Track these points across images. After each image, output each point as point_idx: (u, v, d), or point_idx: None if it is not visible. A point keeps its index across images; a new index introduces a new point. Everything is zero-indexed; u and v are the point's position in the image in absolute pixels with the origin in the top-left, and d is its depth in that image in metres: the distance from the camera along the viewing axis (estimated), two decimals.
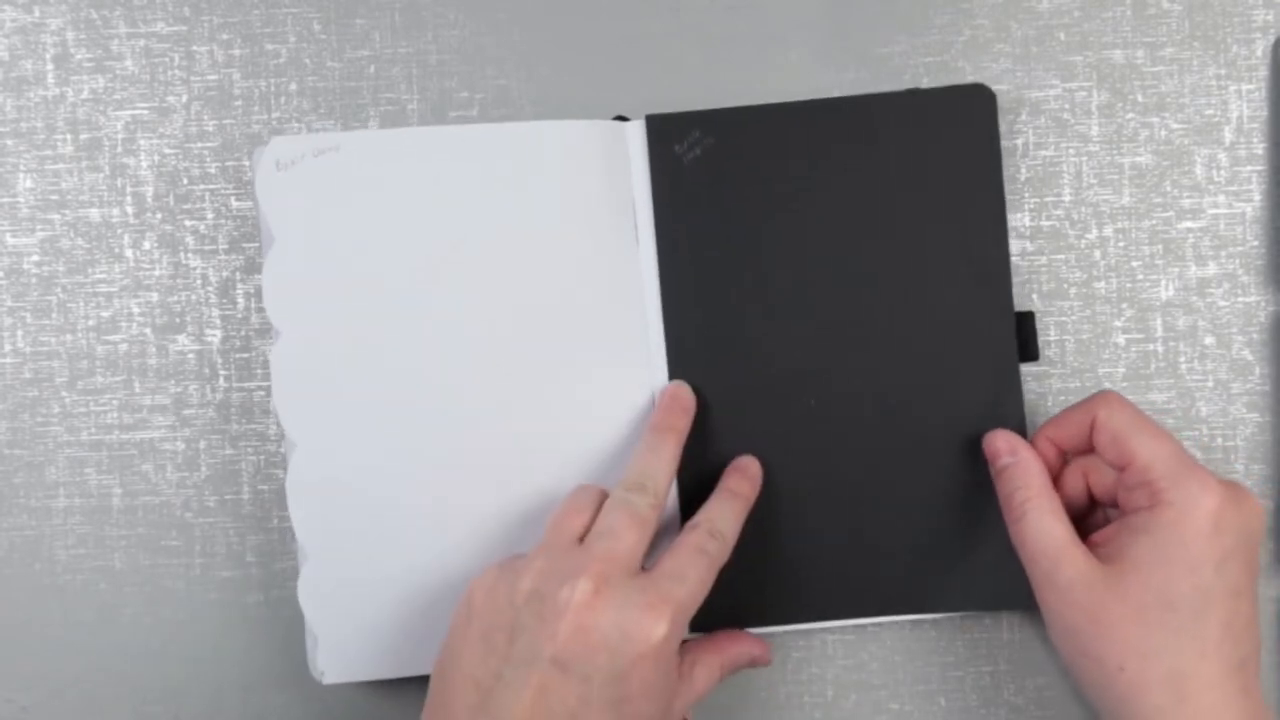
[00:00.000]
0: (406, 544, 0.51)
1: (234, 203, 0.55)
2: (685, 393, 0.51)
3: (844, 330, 0.52)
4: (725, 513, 0.49)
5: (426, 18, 0.55)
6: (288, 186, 0.50)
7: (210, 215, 0.55)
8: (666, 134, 0.52)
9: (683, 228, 0.52)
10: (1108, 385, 0.54)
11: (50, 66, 0.55)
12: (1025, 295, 0.54)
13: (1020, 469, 0.48)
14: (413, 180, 0.51)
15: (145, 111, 0.55)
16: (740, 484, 0.50)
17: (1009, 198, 0.54)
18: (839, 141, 0.52)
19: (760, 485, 0.51)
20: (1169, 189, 0.54)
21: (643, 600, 0.44)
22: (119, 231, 0.55)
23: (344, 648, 0.51)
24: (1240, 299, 0.54)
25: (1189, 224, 0.54)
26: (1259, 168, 0.54)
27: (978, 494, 0.52)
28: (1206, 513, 0.44)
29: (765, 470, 0.52)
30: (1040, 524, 0.47)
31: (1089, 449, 0.49)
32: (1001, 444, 0.49)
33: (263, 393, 0.55)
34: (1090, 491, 0.50)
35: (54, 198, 0.55)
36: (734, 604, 0.52)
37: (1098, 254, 0.54)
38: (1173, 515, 0.45)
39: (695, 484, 0.52)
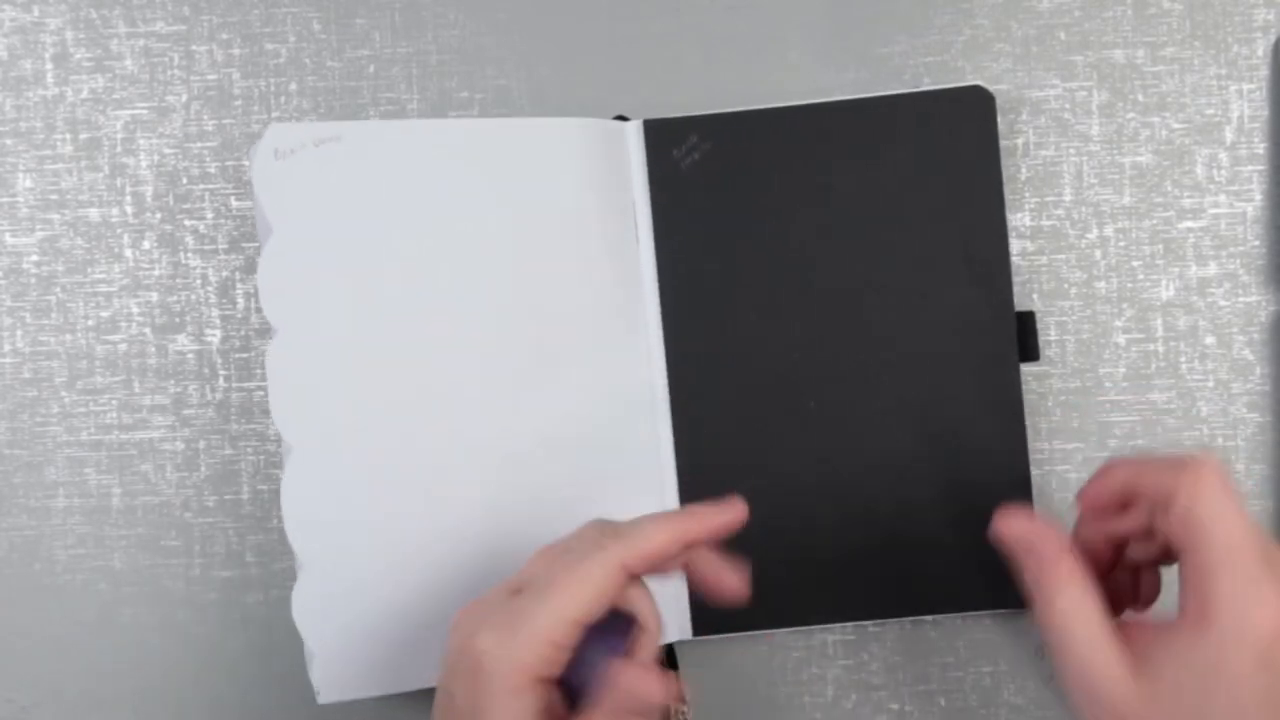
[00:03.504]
0: (403, 552, 0.50)
1: (234, 202, 0.55)
2: (735, 514, 0.44)
3: (844, 331, 0.52)
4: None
5: (426, 18, 0.55)
6: (286, 176, 0.49)
7: (210, 215, 0.55)
8: (664, 138, 0.52)
9: (682, 231, 0.52)
10: (1109, 385, 0.54)
11: (50, 66, 0.55)
12: (1025, 295, 0.54)
13: (1048, 548, 0.43)
14: (414, 173, 0.51)
15: (145, 111, 0.55)
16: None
17: (1009, 198, 0.54)
18: (837, 144, 0.52)
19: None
20: (1170, 189, 0.54)
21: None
22: (118, 231, 0.55)
23: (340, 665, 0.50)
24: (1241, 299, 0.54)
25: (1189, 224, 0.54)
26: (1260, 167, 0.54)
27: (978, 494, 0.51)
28: (1256, 642, 0.39)
29: (765, 471, 0.52)
30: (1069, 617, 0.41)
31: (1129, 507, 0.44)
32: (1026, 524, 0.43)
33: (262, 393, 0.54)
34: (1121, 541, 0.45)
35: (53, 197, 0.55)
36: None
37: (1098, 254, 0.54)
38: (1217, 640, 0.39)
39: (695, 488, 0.52)
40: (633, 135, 0.53)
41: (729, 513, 0.44)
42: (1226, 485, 0.41)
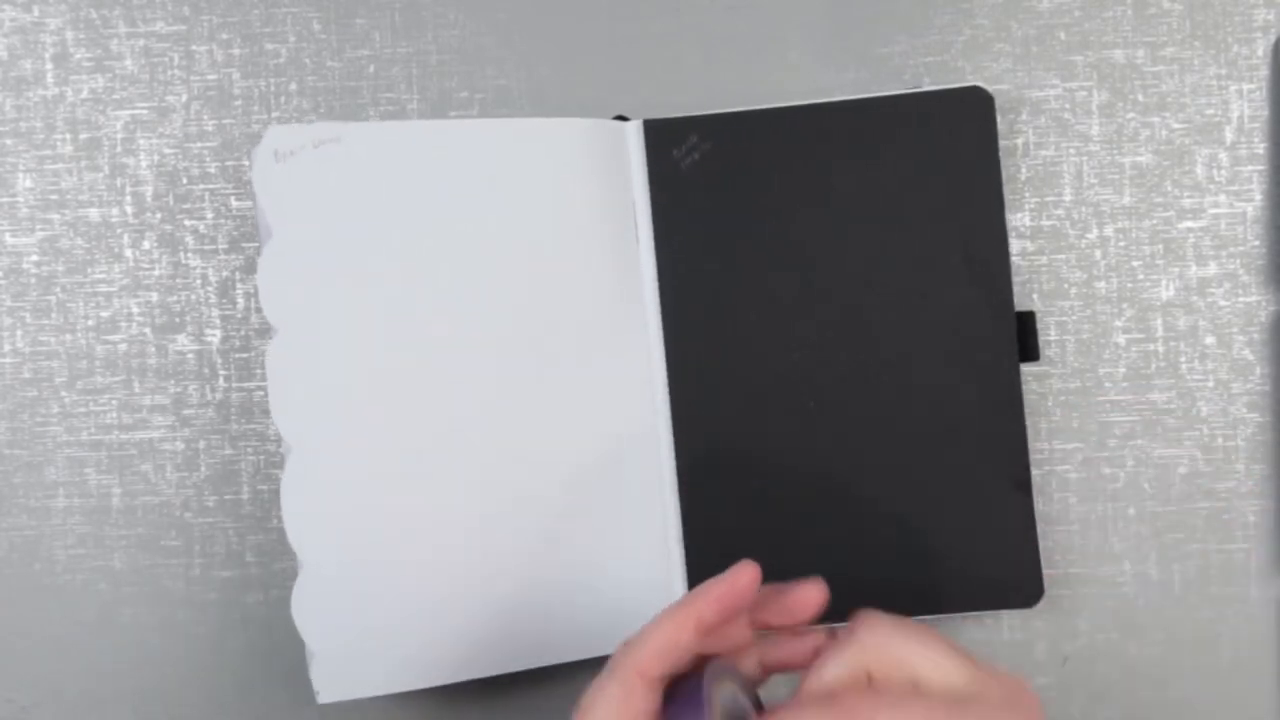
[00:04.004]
0: (403, 552, 0.50)
1: (234, 202, 0.55)
2: (743, 579, 0.43)
3: (844, 332, 0.52)
4: None
5: (426, 18, 0.55)
6: (286, 178, 0.50)
7: (210, 215, 0.55)
8: (664, 139, 0.52)
9: (682, 232, 0.52)
10: (1109, 385, 0.54)
11: (50, 66, 0.55)
12: (1025, 295, 0.54)
13: None
14: (413, 174, 0.51)
15: (145, 111, 0.55)
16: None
17: (1009, 198, 0.54)
18: (837, 145, 0.52)
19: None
20: (1170, 189, 0.54)
21: None
22: (118, 231, 0.55)
23: (340, 665, 0.50)
24: (1241, 299, 0.54)
25: (1190, 224, 0.54)
26: (1260, 167, 0.54)
27: (978, 494, 0.52)
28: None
29: (765, 470, 0.52)
30: None
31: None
32: None
33: (262, 393, 0.54)
34: None
35: (54, 197, 0.55)
36: None
37: (1098, 254, 0.54)
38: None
39: (695, 488, 0.52)
40: (633, 135, 0.53)
41: (737, 579, 0.43)
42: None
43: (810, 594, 0.43)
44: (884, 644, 0.40)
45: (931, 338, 0.52)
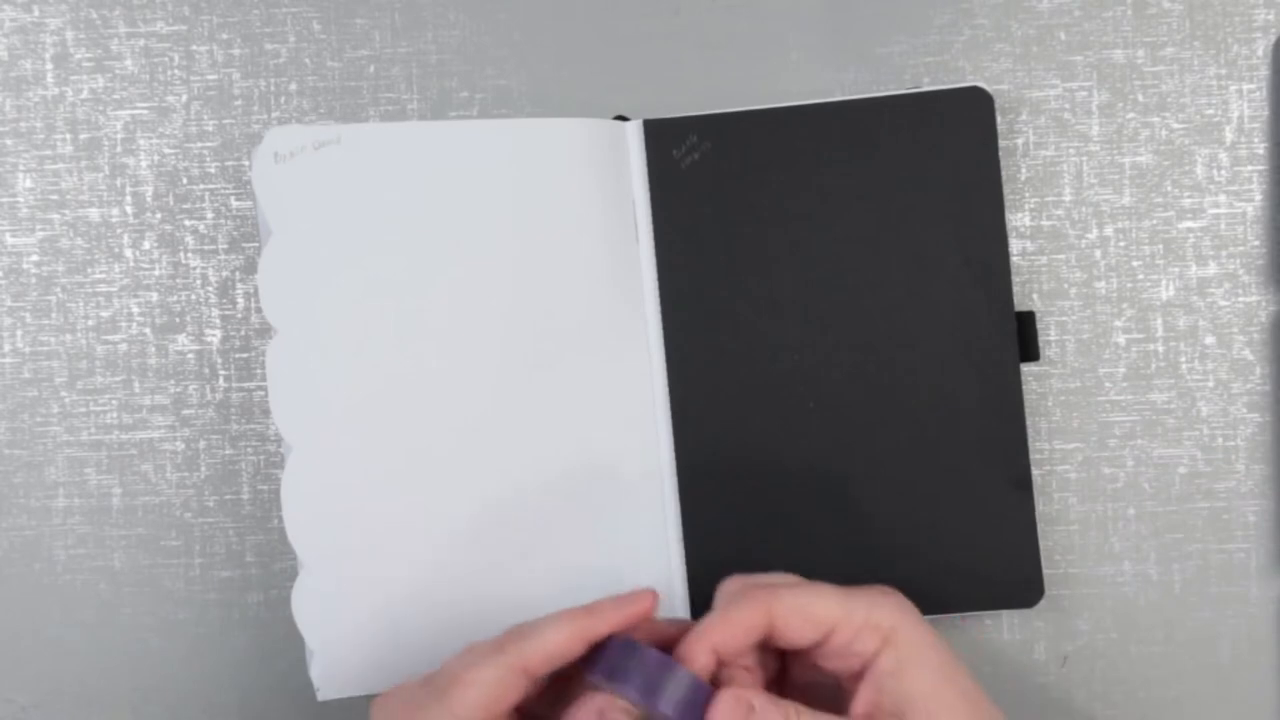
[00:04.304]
0: (403, 551, 0.50)
1: (234, 202, 0.55)
2: (640, 606, 0.44)
3: (844, 332, 0.52)
4: None
5: (426, 18, 0.55)
6: (286, 179, 0.50)
7: (210, 215, 0.55)
8: (664, 138, 0.52)
9: (681, 231, 0.52)
10: (1109, 385, 0.54)
11: (50, 66, 0.55)
12: (1025, 295, 0.54)
13: (769, 712, 0.42)
14: (413, 175, 0.51)
15: (145, 111, 0.55)
16: None
17: (1009, 198, 0.54)
18: (837, 144, 0.52)
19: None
20: (1169, 189, 0.54)
21: None
22: (118, 231, 0.55)
23: (339, 662, 0.50)
24: (1241, 299, 0.54)
25: (1189, 224, 0.54)
26: (1260, 167, 0.54)
27: (978, 494, 0.52)
28: (915, 612, 0.44)
29: (764, 470, 0.52)
30: None
31: (750, 647, 0.44)
32: (732, 710, 0.42)
33: (262, 393, 0.54)
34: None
35: (54, 197, 0.55)
36: None
37: (1098, 254, 0.54)
38: (909, 633, 0.43)
39: (695, 488, 0.52)
40: (633, 135, 0.53)
41: (635, 604, 0.43)
42: (784, 576, 0.45)
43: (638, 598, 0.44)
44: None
45: (931, 338, 0.52)
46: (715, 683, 0.43)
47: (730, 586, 0.45)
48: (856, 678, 0.44)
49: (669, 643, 0.44)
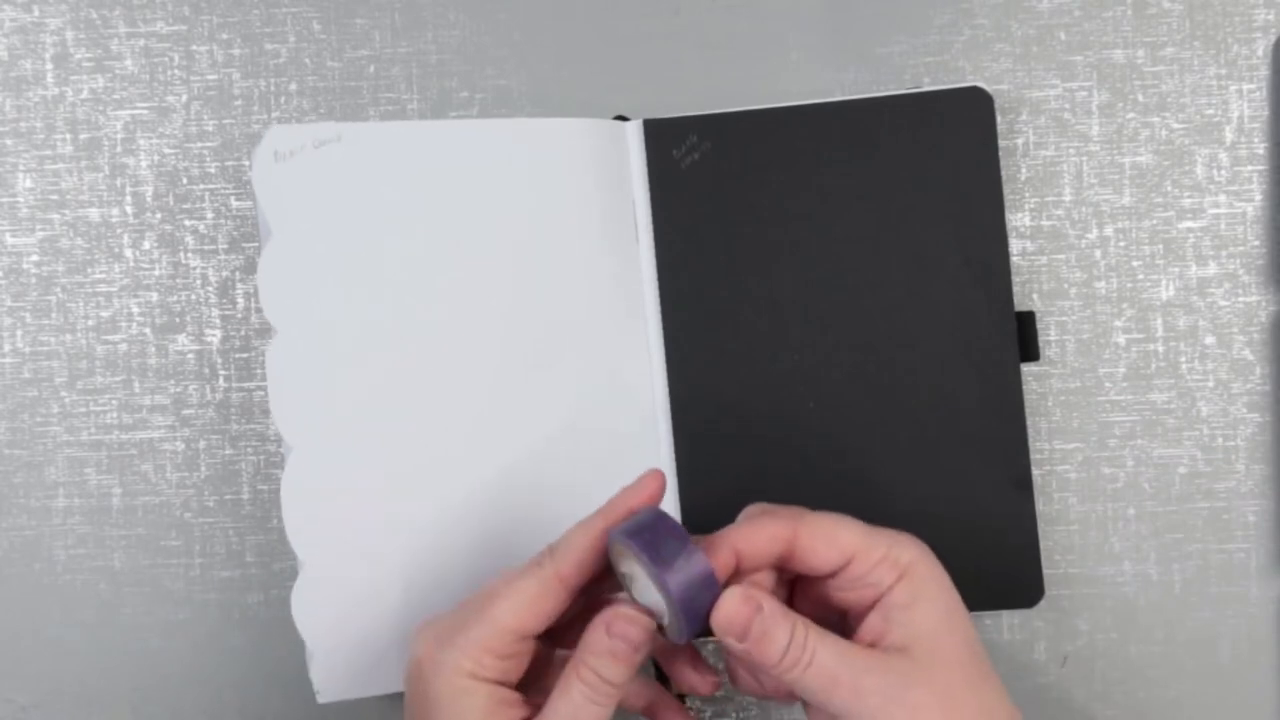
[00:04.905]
0: (403, 551, 0.50)
1: (234, 202, 0.55)
2: (649, 488, 0.44)
3: (844, 332, 0.52)
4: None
5: (426, 18, 0.55)
6: (286, 178, 0.50)
7: (210, 215, 0.55)
8: (664, 138, 0.52)
9: (681, 231, 0.52)
10: (1109, 385, 0.54)
11: (50, 66, 0.55)
12: (1025, 295, 0.54)
13: (777, 617, 0.41)
14: (414, 174, 0.51)
15: (145, 111, 0.55)
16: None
17: (1009, 198, 0.54)
18: (837, 144, 0.52)
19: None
20: (1169, 189, 0.54)
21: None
22: (118, 231, 0.55)
23: (339, 663, 0.50)
24: (1241, 299, 0.54)
25: (1189, 224, 0.54)
26: (1260, 167, 0.54)
27: (978, 494, 0.52)
28: (934, 556, 0.44)
29: (765, 470, 0.52)
30: (839, 653, 0.41)
31: (769, 561, 0.44)
32: (740, 604, 0.41)
33: (262, 393, 0.54)
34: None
35: (54, 197, 0.55)
36: None
37: (1098, 254, 0.54)
38: (925, 570, 0.43)
39: (695, 488, 0.52)
40: (633, 135, 0.53)
41: (642, 490, 0.44)
42: (798, 508, 0.44)
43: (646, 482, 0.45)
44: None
45: (931, 338, 0.52)
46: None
47: (755, 509, 0.45)
48: (865, 611, 0.44)
49: None
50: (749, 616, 0.41)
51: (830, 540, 0.43)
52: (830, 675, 0.41)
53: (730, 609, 0.41)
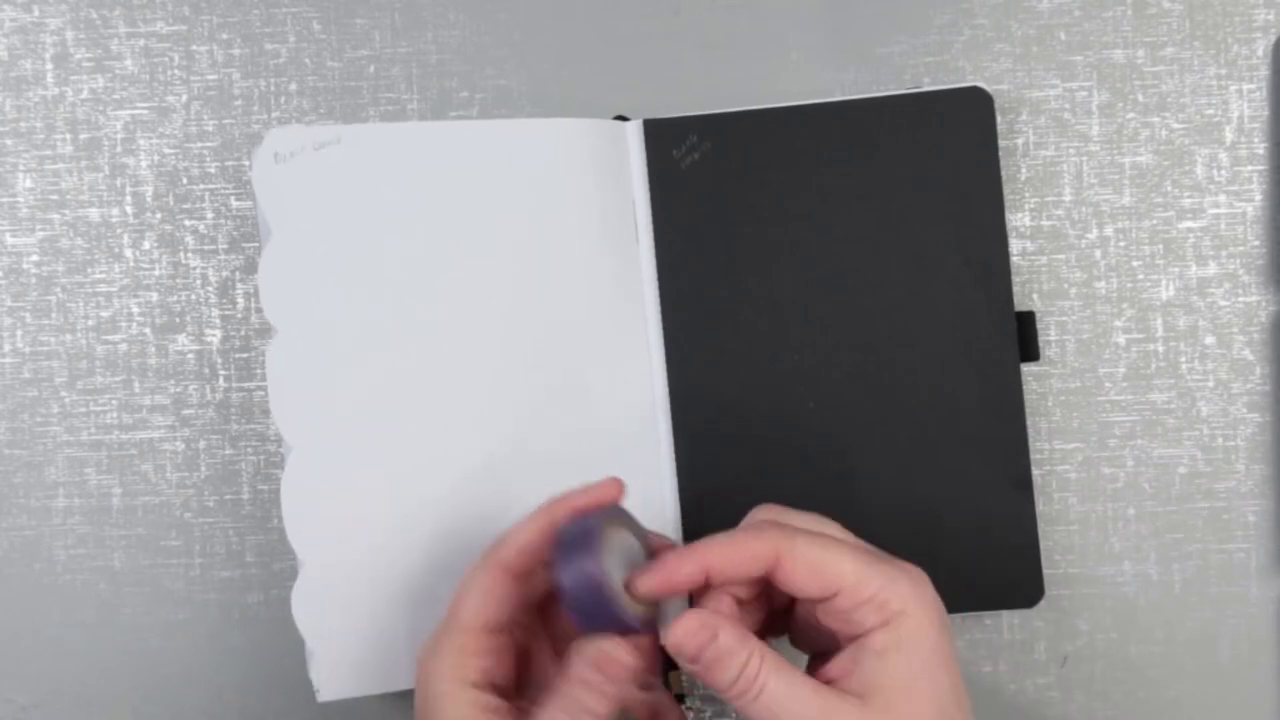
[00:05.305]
0: (403, 551, 0.50)
1: (234, 202, 0.55)
2: (604, 491, 0.46)
3: (844, 332, 0.52)
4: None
5: (426, 18, 0.55)
6: (286, 179, 0.50)
7: (210, 215, 0.55)
8: (664, 138, 0.52)
9: (681, 231, 0.52)
10: (1109, 385, 0.54)
11: (50, 66, 0.55)
12: (1025, 295, 0.54)
13: (732, 646, 0.41)
14: (413, 175, 0.51)
15: (145, 111, 0.55)
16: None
17: (1009, 198, 0.54)
18: (837, 144, 0.52)
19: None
20: (1169, 189, 0.54)
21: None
22: (118, 231, 0.55)
23: (340, 663, 0.50)
24: (1241, 299, 0.54)
25: (1189, 224, 0.54)
26: (1260, 167, 0.54)
27: (978, 494, 0.52)
28: (934, 605, 0.42)
29: (765, 471, 0.52)
30: (790, 688, 0.41)
31: (750, 579, 0.43)
32: (695, 629, 0.41)
33: (262, 393, 0.54)
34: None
35: (54, 197, 0.55)
36: None
37: (1098, 254, 0.54)
38: (913, 623, 0.42)
39: (695, 488, 0.52)
40: (633, 135, 0.53)
41: (598, 491, 0.45)
42: (799, 521, 0.44)
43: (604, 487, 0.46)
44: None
45: (931, 338, 0.52)
46: (695, 601, 0.43)
47: (759, 514, 0.45)
48: (845, 643, 0.43)
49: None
50: (703, 643, 0.41)
51: (815, 571, 0.42)
52: (775, 711, 0.41)
53: (682, 633, 0.41)
